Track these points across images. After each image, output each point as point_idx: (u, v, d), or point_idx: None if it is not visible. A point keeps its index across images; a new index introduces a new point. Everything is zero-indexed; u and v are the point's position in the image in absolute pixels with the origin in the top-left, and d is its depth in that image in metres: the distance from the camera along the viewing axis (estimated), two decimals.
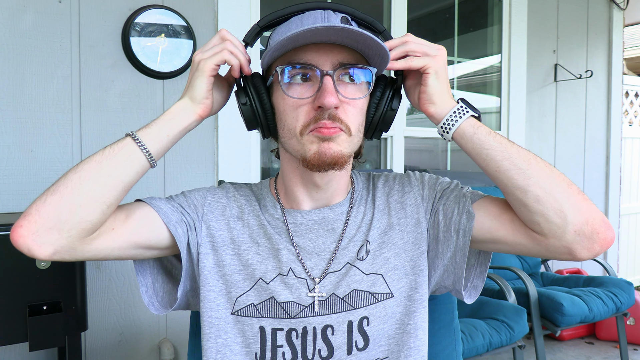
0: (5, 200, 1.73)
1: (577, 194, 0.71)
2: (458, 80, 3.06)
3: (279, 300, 0.79)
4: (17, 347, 1.75)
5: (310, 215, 0.83)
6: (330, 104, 0.71)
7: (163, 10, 1.94)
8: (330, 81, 0.72)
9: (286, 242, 0.83)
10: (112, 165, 0.72)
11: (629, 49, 6.19)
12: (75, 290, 1.47)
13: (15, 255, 1.40)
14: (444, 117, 0.76)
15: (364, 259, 0.82)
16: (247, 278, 0.81)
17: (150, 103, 1.96)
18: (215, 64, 0.75)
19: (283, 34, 0.76)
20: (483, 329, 1.83)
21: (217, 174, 2.10)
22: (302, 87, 0.75)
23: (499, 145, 0.74)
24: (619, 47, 3.47)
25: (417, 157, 2.92)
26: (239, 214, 0.85)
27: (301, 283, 0.80)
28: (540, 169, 0.72)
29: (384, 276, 0.82)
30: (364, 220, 0.85)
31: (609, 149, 3.49)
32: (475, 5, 3.05)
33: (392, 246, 0.83)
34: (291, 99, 0.75)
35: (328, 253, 0.82)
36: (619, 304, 2.22)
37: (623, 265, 3.87)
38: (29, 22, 1.75)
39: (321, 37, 0.71)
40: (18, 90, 1.74)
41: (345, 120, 0.74)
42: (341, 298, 0.80)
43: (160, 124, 0.76)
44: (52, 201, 0.69)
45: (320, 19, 0.75)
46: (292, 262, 0.81)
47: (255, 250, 0.82)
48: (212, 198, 0.86)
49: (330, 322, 0.79)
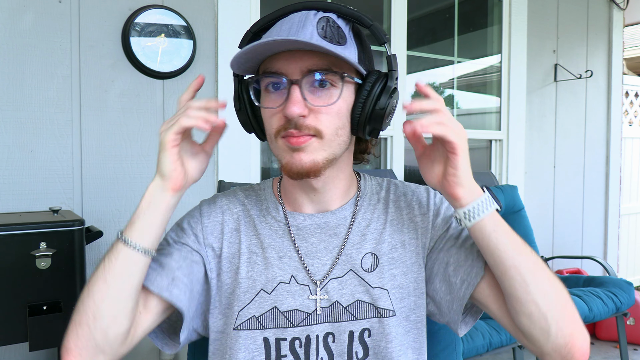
0: (5, 200, 1.73)
1: (569, 316, 0.72)
2: (458, 80, 3.06)
3: (282, 309, 0.79)
4: (17, 347, 1.75)
5: (312, 219, 0.83)
6: (293, 114, 0.71)
7: (163, 10, 1.94)
8: (297, 90, 0.72)
9: (288, 245, 0.82)
10: (117, 277, 0.73)
11: (629, 49, 6.19)
12: (75, 290, 1.47)
13: (15, 255, 1.40)
14: (470, 204, 0.73)
15: (370, 271, 0.81)
16: (247, 290, 0.80)
17: (150, 103, 1.96)
18: (175, 133, 0.74)
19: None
20: (483, 329, 1.83)
21: (217, 174, 2.10)
22: (274, 96, 0.75)
23: (511, 250, 0.72)
24: (619, 47, 3.47)
25: None
26: (235, 226, 0.85)
27: (303, 290, 0.79)
28: (543, 286, 0.72)
29: (389, 292, 0.81)
30: (370, 228, 0.84)
31: (609, 149, 3.49)
32: (475, 5, 3.05)
33: (401, 264, 0.82)
34: (263, 107, 0.77)
35: (330, 258, 0.81)
36: (619, 304, 2.22)
37: (623, 265, 3.87)
38: (29, 22, 1.75)
39: (287, 46, 0.71)
40: (18, 90, 1.74)
41: (316, 126, 0.73)
42: (344, 307, 0.79)
43: (141, 216, 0.76)
44: (83, 333, 0.72)
45: (296, 24, 0.74)
46: (294, 269, 0.80)
47: (254, 261, 0.82)
48: (207, 220, 0.85)
49: (332, 330, 0.79)
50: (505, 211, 2.69)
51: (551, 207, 3.25)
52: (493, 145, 3.07)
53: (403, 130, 0.73)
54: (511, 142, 3.03)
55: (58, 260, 1.44)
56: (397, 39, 2.66)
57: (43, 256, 1.42)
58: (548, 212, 3.23)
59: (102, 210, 1.88)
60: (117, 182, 1.91)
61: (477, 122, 3.15)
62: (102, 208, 1.88)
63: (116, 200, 1.91)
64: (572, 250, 3.36)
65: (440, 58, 2.96)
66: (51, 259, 1.43)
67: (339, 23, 0.76)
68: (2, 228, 1.39)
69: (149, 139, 1.96)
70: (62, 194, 1.81)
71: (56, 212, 1.59)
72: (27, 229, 1.41)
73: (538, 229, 3.09)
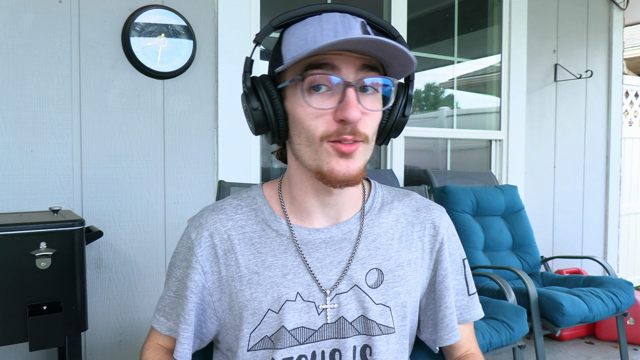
0: (5, 200, 1.73)
1: None
2: (458, 80, 3.06)
3: (289, 327, 0.77)
4: (17, 347, 1.75)
5: (317, 234, 0.81)
6: (355, 118, 0.69)
7: (163, 10, 1.94)
8: (354, 93, 0.70)
9: (293, 260, 0.79)
10: None
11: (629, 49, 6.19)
12: (75, 290, 1.47)
13: (15, 255, 1.40)
14: None
15: (374, 288, 0.80)
16: (255, 312, 0.78)
17: (150, 103, 1.96)
18: None
19: (305, 37, 0.72)
20: (483, 329, 1.83)
21: (217, 174, 2.10)
22: (323, 96, 0.71)
23: None
24: (619, 47, 3.47)
25: (417, 157, 2.92)
26: (228, 247, 0.81)
27: (309, 307, 0.78)
28: None
29: (391, 310, 0.80)
30: (377, 243, 0.82)
31: (609, 149, 3.49)
32: (475, 5, 3.05)
33: (406, 283, 0.82)
34: (310, 107, 0.71)
35: (336, 273, 0.79)
36: (619, 304, 2.22)
37: (623, 265, 3.87)
38: (29, 22, 1.75)
39: (353, 46, 0.68)
40: (18, 90, 1.74)
41: (364, 132, 0.72)
42: (350, 322, 0.78)
43: None
44: None
45: (340, 24, 0.72)
46: (299, 285, 0.78)
47: (257, 282, 0.79)
48: (199, 249, 0.81)
49: (338, 347, 0.78)
50: (505, 211, 2.69)
51: (551, 207, 3.25)
52: (493, 145, 3.07)
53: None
54: (511, 142, 3.03)
55: (58, 260, 1.44)
56: None
57: (43, 256, 1.42)
58: (548, 212, 3.23)
59: (102, 210, 1.88)
60: (117, 182, 1.91)
61: (477, 122, 3.15)
62: (102, 208, 1.88)
63: (116, 200, 1.91)
64: (572, 250, 3.37)
65: (440, 58, 2.96)
66: (51, 259, 1.43)
67: (369, 30, 0.75)
68: (2, 228, 1.39)
69: (149, 139, 1.96)
70: (62, 194, 1.81)
71: (56, 212, 1.59)
72: (27, 229, 1.41)
73: (538, 229, 3.09)
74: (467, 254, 2.45)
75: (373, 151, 0.86)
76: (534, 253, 2.66)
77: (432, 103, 3.09)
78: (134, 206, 1.94)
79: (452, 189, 2.55)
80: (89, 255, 1.85)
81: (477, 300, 0.91)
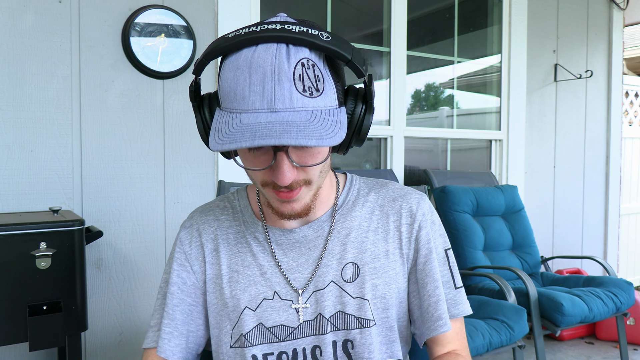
0: (5, 200, 1.73)
1: None
2: (458, 80, 3.06)
3: (267, 325, 0.79)
4: (17, 347, 1.75)
5: (291, 235, 0.82)
6: (285, 183, 0.68)
7: (163, 10, 1.95)
8: (284, 157, 0.67)
9: (269, 260, 0.82)
10: None
11: (629, 49, 6.19)
12: (75, 290, 1.47)
13: (15, 255, 1.40)
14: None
15: (351, 282, 0.80)
16: (234, 310, 0.81)
17: (150, 103, 1.96)
18: None
19: (235, 88, 0.66)
20: (483, 329, 1.83)
21: (217, 174, 2.10)
22: (256, 154, 0.70)
23: None
24: (619, 47, 3.47)
25: (417, 157, 2.92)
26: (214, 246, 0.85)
27: (287, 305, 0.80)
28: None
29: (369, 302, 0.80)
30: (351, 237, 0.83)
31: (609, 149, 3.49)
32: (475, 5, 3.05)
33: (384, 274, 0.82)
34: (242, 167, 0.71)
35: (310, 271, 0.81)
36: (619, 304, 2.22)
37: (623, 265, 3.87)
38: (29, 22, 1.75)
39: (272, 142, 0.62)
40: (18, 90, 1.74)
41: (305, 178, 0.71)
42: (327, 318, 0.79)
43: None
44: None
45: (270, 77, 0.64)
46: (276, 284, 0.80)
47: (236, 280, 0.82)
48: (189, 248, 0.86)
49: (318, 343, 0.79)
50: (505, 211, 2.69)
51: (551, 207, 3.25)
52: (493, 145, 3.07)
53: None
54: (511, 142, 3.03)
55: (58, 260, 1.44)
56: (397, 39, 2.66)
57: (43, 256, 1.42)
58: (548, 212, 3.23)
59: (102, 210, 1.88)
60: (117, 182, 1.91)
61: (477, 122, 3.15)
62: (102, 208, 1.88)
63: (116, 200, 1.91)
64: (572, 250, 3.37)
65: (440, 58, 2.96)
66: (51, 259, 1.43)
67: (313, 59, 0.66)
68: (2, 228, 1.39)
69: (149, 139, 1.96)
70: (62, 194, 1.81)
71: (56, 212, 1.59)
72: (27, 229, 1.42)
73: (538, 229, 3.09)
74: (467, 254, 2.45)
75: (372, 150, 0.85)
76: (534, 253, 2.66)
77: (432, 103, 3.09)
78: (134, 206, 1.94)
79: (452, 189, 2.55)
80: (89, 255, 1.85)
81: (464, 295, 0.87)
